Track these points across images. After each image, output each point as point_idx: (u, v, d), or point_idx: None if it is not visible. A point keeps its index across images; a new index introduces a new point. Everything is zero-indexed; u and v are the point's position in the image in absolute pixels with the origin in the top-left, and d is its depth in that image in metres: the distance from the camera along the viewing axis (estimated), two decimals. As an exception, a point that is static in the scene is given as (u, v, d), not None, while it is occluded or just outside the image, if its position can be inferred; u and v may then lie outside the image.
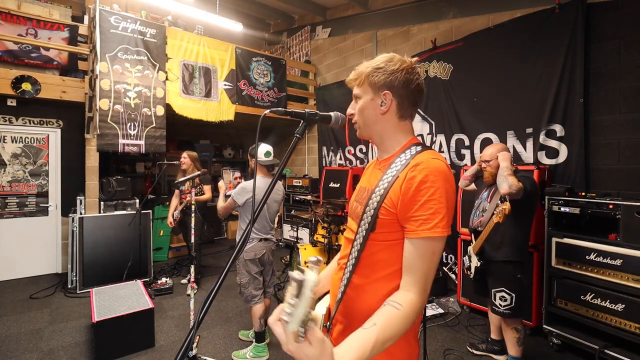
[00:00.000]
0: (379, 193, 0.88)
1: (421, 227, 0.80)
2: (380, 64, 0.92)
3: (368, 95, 0.93)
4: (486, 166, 2.34)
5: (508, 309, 2.16)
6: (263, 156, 2.52)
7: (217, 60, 4.79)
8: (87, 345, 2.65)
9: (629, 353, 2.16)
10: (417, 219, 0.80)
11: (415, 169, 0.82)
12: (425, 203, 0.80)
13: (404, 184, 0.82)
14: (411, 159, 0.86)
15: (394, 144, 0.95)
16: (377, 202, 0.87)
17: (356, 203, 1.01)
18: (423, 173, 0.81)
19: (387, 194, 0.85)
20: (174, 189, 4.04)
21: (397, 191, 0.84)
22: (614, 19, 2.65)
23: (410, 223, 0.81)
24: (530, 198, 2.15)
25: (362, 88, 0.94)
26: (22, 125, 4.10)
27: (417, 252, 0.81)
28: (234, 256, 0.80)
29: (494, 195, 2.30)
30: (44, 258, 4.29)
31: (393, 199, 0.84)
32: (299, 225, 5.01)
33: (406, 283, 0.82)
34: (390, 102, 0.92)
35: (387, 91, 0.91)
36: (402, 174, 0.85)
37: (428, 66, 4.00)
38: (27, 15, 3.87)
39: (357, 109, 0.96)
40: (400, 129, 0.95)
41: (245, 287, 2.50)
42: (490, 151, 2.33)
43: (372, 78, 0.91)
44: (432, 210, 0.79)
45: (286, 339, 0.62)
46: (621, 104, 2.63)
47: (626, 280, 2.16)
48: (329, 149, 5.70)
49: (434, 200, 0.80)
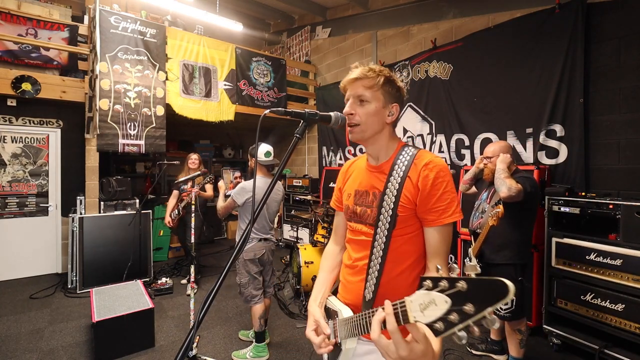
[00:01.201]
0: (392, 194, 0.96)
1: (443, 216, 0.93)
2: (391, 77, 0.98)
3: (379, 103, 0.98)
4: (487, 162, 2.32)
5: (509, 312, 2.15)
6: (263, 156, 2.52)
7: (217, 60, 4.79)
8: (87, 345, 2.65)
9: (629, 353, 2.16)
10: (437, 210, 0.93)
11: (427, 168, 0.94)
12: (442, 195, 0.93)
13: (420, 182, 0.94)
14: (412, 159, 0.97)
15: (389, 150, 1.03)
16: (393, 202, 0.95)
17: (362, 207, 1.05)
18: (435, 170, 0.93)
19: (402, 193, 0.95)
20: (174, 189, 4.05)
21: (411, 189, 0.94)
22: (614, 19, 2.65)
23: (431, 214, 0.94)
24: (532, 199, 2.13)
25: (373, 93, 0.97)
26: (22, 125, 4.10)
27: (441, 237, 0.95)
28: (234, 256, 0.80)
29: (493, 196, 2.29)
30: (44, 258, 4.29)
31: (409, 197, 0.95)
32: (299, 225, 5.01)
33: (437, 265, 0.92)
34: (396, 114, 1.01)
35: (396, 104, 1.01)
36: (413, 173, 0.95)
37: (428, 66, 4.00)
38: (27, 15, 3.87)
39: (365, 112, 0.97)
40: (393, 136, 1.05)
41: (245, 287, 2.50)
42: (493, 148, 2.31)
43: (386, 88, 0.98)
44: (448, 201, 0.93)
45: (396, 347, 0.65)
46: (621, 104, 2.63)
47: (626, 280, 2.16)
48: (329, 149, 5.70)
49: (447, 192, 0.93)
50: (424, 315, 0.60)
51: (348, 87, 1.01)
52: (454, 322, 0.54)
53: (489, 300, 0.51)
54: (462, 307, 0.54)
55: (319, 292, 1.12)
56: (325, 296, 1.12)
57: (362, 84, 0.97)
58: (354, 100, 0.99)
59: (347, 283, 1.09)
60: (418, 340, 0.64)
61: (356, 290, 1.03)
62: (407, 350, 0.64)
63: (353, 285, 1.05)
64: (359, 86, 0.98)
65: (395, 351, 0.65)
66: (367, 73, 0.96)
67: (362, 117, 0.98)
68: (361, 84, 0.97)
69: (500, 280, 0.51)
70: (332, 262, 1.21)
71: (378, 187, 1.01)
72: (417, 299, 0.62)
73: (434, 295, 0.59)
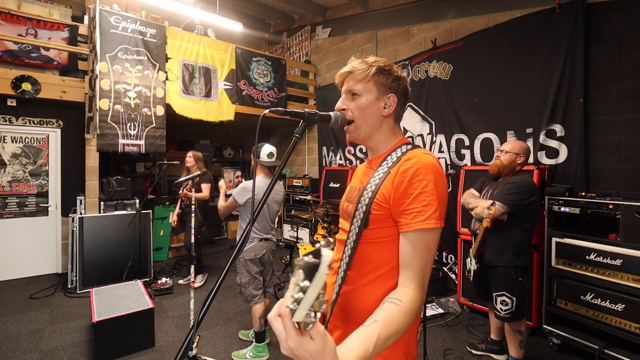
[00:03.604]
0: (370, 189, 0.88)
1: (415, 220, 0.79)
2: (385, 66, 0.92)
3: (371, 95, 0.92)
4: (499, 155, 2.31)
5: (509, 313, 2.15)
6: (266, 157, 2.52)
7: (217, 60, 4.79)
8: (87, 345, 2.65)
9: (629, 353, 2.16)
10: (410, 212, 0.80)
11: (406, 163, 0.84)
12: (418, 196, 0.80)
13: (396, 178, 0.83)
14: (402, 155, 0.88)
15: (388, 144, 0.96)
16: (369, 198, 0.86)
17: (347, 202, 1.00)
18: (415, 167, 0.82)
19: (379, 189, 0.86)
20: (174, 189, 4.05)
21: (389, 185, 0.84)
22: (614, 19, 2.65)
23: (403, 217, 0.81)
24: (530, 205, 2.12)
25: (364, 86, 0.92)
26: (22, 125, 4.10)
27: (413, 246, 0.80)
28: (234, 256, 0.80)
29: (490, 197, 2.29)
30: (44, 258, 4.29)
31: (385, 194, 0.84)
32: (299, 225, 5.01)
33: (405, 279, 0.80)
34: (393, 105, 0.94)
35: (392, 94, 0.93)
36: (394, 169, 0.86)
37: (428, 66, 4.00)
38: (27, 15, 3.87)
39: (357, 106, 0.92)
40: (394, 131, 0.97)
41: (245, 287, 2.50)
42: (511, 146, 2.29)
43: (379, 78, 0.92)
44: (425, 203, 0.80)
45: (286, 335, 0.52)
46: (621, 104, 2.63)
47: (626, 280, 2.16)
48: (329, 149, 5.70)
49: (426, 192, 0.80)
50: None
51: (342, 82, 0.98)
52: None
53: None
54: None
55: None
56: None
57: (353, 77, 0.93)
58: (347, 95, 0.95)
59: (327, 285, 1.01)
60: (313, 337, 0.53)
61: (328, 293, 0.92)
62: (295, 341, 0.52)
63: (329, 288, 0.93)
64: (350, 80, 0.94)
65: (285, 340, 0.53)
66: (358, 65, 0.92)
67: (355, 111, 0.92)
68: (352, 78, 0.93)
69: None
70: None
71: (364, 182, 0.93)
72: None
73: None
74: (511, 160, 2.25)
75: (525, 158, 2.26)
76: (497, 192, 2.19)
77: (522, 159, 2.25)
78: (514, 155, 2.25)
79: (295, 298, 0.49)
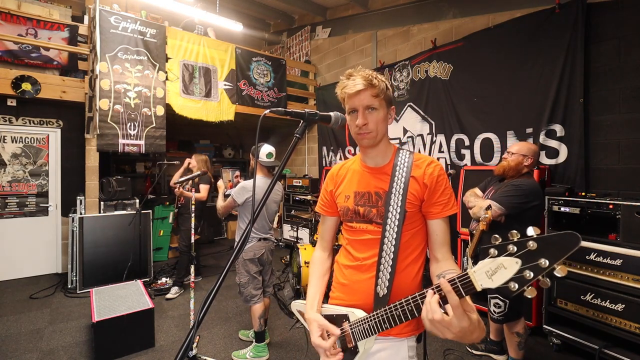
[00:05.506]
0: (399, 193, 1.03)
1: (445, 209, 1.04)
2: (385, 80, 1.04)
3: (384, 109, 1.04)
4: (506, 156, 2.30)
5: (501, 315, 2.15)
6: (265, 157, 2.52)
7: (217, 60, 4.79)
8: (87, 345, 2.65)
9: (629, 353, 2.16)
10: (440, 203, 1.04)
11: (430, 166, 1.05)
12: (444, 190, 1.04)
13: (426, 179, 1.04)
14: (412, 161, 1.06)
15: (387, 152, 1.11)
16: (401, 200, 1.03)
17: (366, 207, 1.08)
18: (437, 169, 1.05)
19: (408, 191, 1.03)
20: (172, 187, 4.04)
21: (417, 187, 1.04)
22: (614, 19, 2.65)
23: (436, 207, 1.04)
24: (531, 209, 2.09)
25: (379, 101, 1.01)
26: (22, 125, 4.10)
27: (446, 227, 1.05)
28: (233, 256, 0.80)
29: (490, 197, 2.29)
30: (44, 258, 4.29)
31: (415, 194, 1.03)
32: (299, 225, 5.01)
33: (445, 253, 1.03)
34: (393, 116, 1.10)
35: (393, 106, 1.09)
36: (417, 172, 1.05)
37: (428, 66, 4.00)
38: (27, 15, 3.87)
39: (375, 120, 1.02)
40: (389, 140, 1.13)
41: (244, 287, 2.50)
42: (517, 147, 2.28)
43: (388, 93, 1.05)
44: (449, 195, 1.05)
45: (458, 321, 0.72)
46: (621, 104, 2.63)
47: (626, 280, 2.16)
48: (329, 149, 5.70)
49: (448, 187, 1.06)
50: (492, 280, 0.67)
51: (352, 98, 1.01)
52: (528, 278, 0.64)
53: (562, 251, 0.60)
54: (537, 262, 0.63)
55: (314, 300, 1.11)
56: (320, 303, 1.11)
57: (370, 93, 0.99)
58: (363, 110, 1.00)
59: (352, 283, 1.09)
60: (471, 310, 0.74)
61: (365, 289, 1.04)
62: (467, 321, 0.72)
63: (360, 284, 1.06)
64: (367, 96, 0.99)
65: (457, 324, 0.72)
66: (373, 82, 0.98)
67: (375, 125, 1.02)
68: (369, 94, 0.99)
69: (570, 233, 0.60)
70: (322, 269, 1.20)
71: (383, 187, 1.06)
72: (481, 268, 0.70)
73: (501, 260, 0.67)
74: (518, 162, 2.23)
75: (532, 160, 2.23)
76: (498, 192, 2.19)
77: (530, 161, 2.22)
78: (521, 157, 2.23)
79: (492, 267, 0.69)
